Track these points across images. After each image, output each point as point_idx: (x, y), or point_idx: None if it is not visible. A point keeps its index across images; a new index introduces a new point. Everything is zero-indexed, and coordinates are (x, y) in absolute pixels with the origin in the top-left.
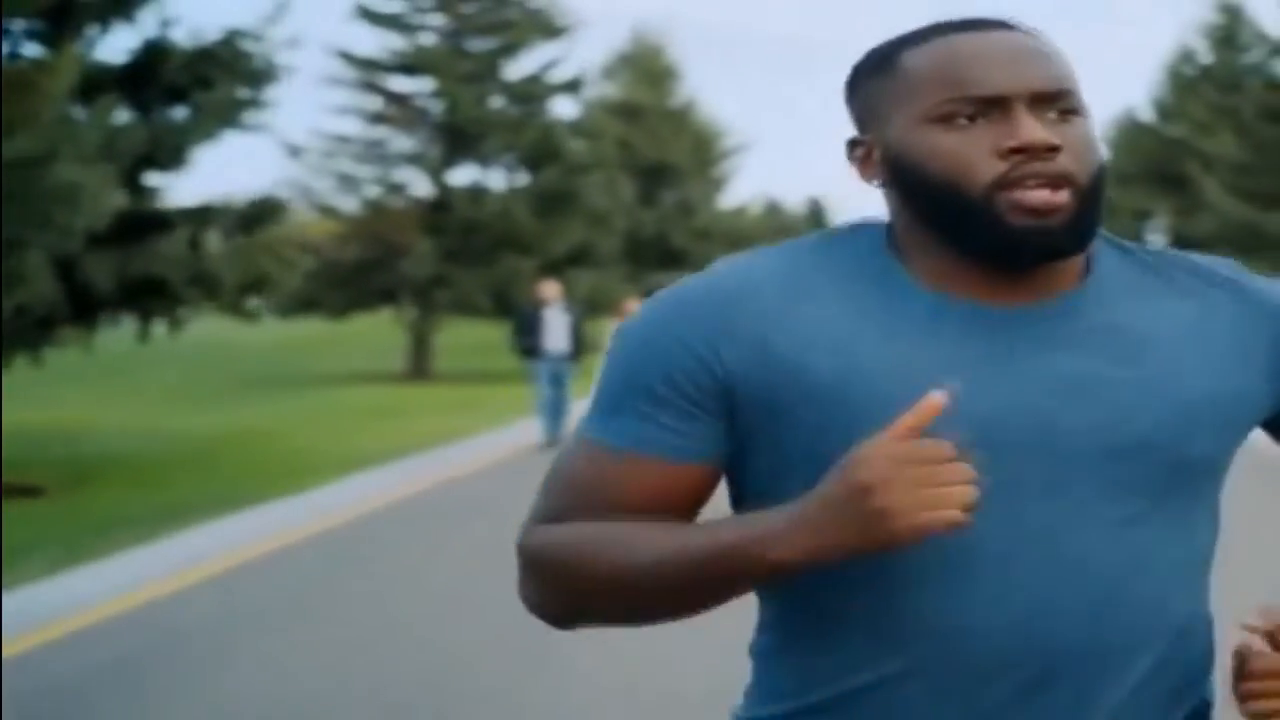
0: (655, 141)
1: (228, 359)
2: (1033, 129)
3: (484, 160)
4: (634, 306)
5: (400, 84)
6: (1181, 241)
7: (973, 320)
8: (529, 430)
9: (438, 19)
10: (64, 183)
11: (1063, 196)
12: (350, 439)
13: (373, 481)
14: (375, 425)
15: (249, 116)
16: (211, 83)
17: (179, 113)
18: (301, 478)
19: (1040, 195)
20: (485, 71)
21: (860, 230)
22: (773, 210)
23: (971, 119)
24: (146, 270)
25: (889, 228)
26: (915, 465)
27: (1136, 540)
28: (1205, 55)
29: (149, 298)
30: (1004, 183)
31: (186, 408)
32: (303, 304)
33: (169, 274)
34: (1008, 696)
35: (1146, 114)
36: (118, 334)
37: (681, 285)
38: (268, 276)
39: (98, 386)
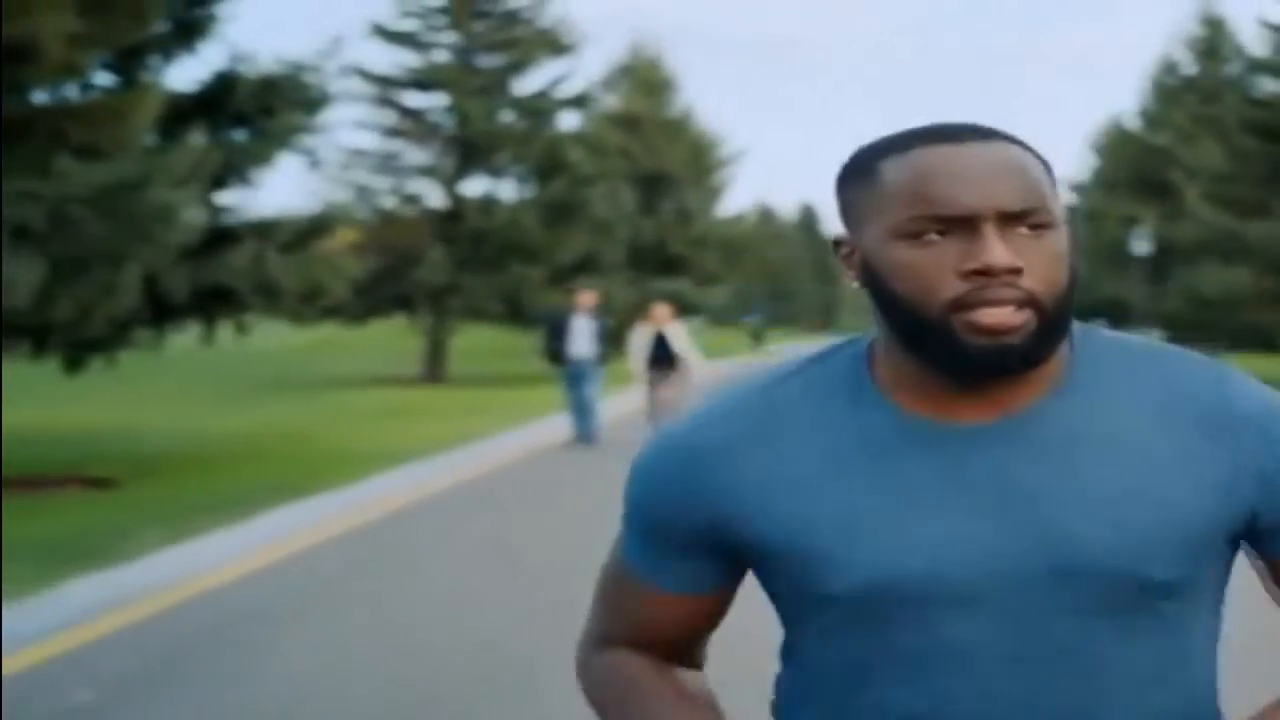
0: (653, 151)
1: (250, 363)
2: (994, 251)
3: (495, 172)
4: (661, 311)
5: (414, 99)
6: (1166, 246)
7: (932, 440)
8: (541, 432)
9: (450, 37)
10: (159, 204)
11: (1022, 316)
12: (372, 439)
13: (391, 481)
14: (394, 426)
15: (302, 140)
16: (274, 110)
17: (240, 136)
18: (330, 475)
19: (997, 315)
20: (495, 87)
21: (846, 346)
22: (766, 217)
23: (942, 234)
24: (216, 280)
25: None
26: None
27: (1092, 663)
28: (1188, 66)
29: (218, 305)
30: (962, 303)
31: (218, 408)
32: (321, 310)
33: (236, 284)
34: None
35: (1133, 122)
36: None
37: (672, 433)
38: (322, 285)
39: (129, 389)
